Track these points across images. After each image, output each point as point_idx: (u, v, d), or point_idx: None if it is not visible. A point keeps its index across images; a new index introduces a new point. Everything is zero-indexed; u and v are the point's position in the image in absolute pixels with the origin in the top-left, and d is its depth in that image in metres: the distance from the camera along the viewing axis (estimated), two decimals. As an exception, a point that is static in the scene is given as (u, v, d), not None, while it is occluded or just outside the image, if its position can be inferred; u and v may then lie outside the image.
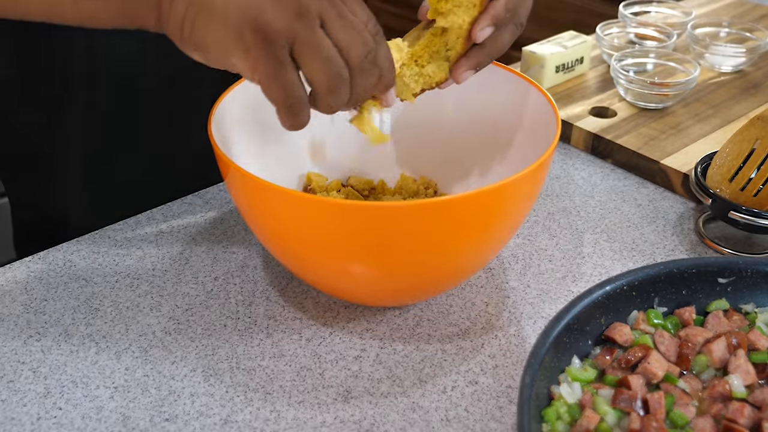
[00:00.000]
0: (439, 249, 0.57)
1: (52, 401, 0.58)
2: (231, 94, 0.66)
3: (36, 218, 0.85)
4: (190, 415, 0.56)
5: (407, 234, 0.55)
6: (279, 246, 0.61)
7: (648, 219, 0.78)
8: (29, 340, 0.63)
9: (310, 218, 0.56)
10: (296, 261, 0.62)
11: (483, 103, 0.73)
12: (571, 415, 0.50)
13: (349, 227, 0.55)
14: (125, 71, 0.76)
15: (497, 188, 0.55)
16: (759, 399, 0.51)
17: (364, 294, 0.63)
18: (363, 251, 0.57)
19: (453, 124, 0.76)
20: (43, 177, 0.82)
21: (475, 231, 0.58)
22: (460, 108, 0.75)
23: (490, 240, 0.60)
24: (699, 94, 0.96)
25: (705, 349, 0.55)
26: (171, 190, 0.81)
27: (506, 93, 0.71)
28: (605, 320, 0.57)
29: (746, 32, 1.08)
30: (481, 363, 0.61)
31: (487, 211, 0.57)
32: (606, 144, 0.86)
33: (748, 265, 0.59)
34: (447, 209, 0.55)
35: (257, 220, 0.60)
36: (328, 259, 0.59)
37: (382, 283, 0.61)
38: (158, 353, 0.62)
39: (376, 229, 0.55)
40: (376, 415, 0.57)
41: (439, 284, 0.63)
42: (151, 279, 0.69)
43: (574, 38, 0.99)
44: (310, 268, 0.61)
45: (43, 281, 0.69)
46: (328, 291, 0.65)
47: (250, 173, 0.55)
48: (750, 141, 0.74)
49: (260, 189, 0.56)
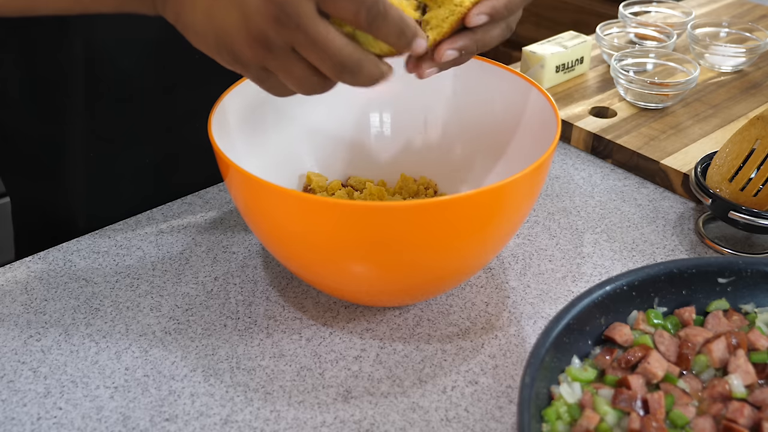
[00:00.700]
0: (439, 249, 0.57)
1: (52, 401, 0.58)
2: (231, 94, 0.66)
3: (38, 220, 0.85)
4: (190, 415, 0.56)
5: (407, 234, 0.55)
6: (279, 246, 0.61)
7: (648, 219, 0.78)
8: (29, 340, 0.63)
9: (309, 218, 0.56)
10: (296, 261, 0.62)
11: (483, 103, 0.73)
12: (571, 415, 0.50)
13: (348, 227, 0.55)
14: (126, 72, 0.76)
15: (497, 188, 0.55)
16: (759, 399, 0.51)
17: (364, 294, 0.63)
18: (363, 251, 0.57)
19: (453, 125, 0.76)
20: (45, 179, 0.82)
21: (475, 231, 0.58)
22: (460, 108, 0.75)
23: (490, 240, 0.60)
24: (699, 94, 0.96)
25: (705, 349, 0.55)
26: (172, 191, 0.81)
27: (506, 93, 0.71)
28: (605, 320, 0.57)
29: (746, 32, 1.08)
30: (481, 363, 0.61)
31: (487, 211, 0.57)
32: (606, 144, 0.86)
33: (748, 265, 0.59)
34: (447, 209, 0.55)
35: (257, 220, 0.60)
36: (328, 259, 0.59)
37: (382, 283, 0.61)
38: (158, 353, 0.62)
39: (376, 229, 0.55)
40: (376, 415, 0.57)
41: (440, 284, 0.63)
42: (151, 279, 0.69)
43: (574, 38, 0.99)
44: (310, 268, 0.61)
45: (43, 281, 0.69)
46: (328, 291, 0.65)
47: (249, 173, 0.55)
48: (750, 141, 0.74)
49: (260, 189, 0.56)
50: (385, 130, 0.77)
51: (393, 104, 0.76)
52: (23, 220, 0.88)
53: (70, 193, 0.82)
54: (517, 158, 0.69)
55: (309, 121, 0.74)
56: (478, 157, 0.74)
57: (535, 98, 0.67)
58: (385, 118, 0.77)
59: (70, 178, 0.81)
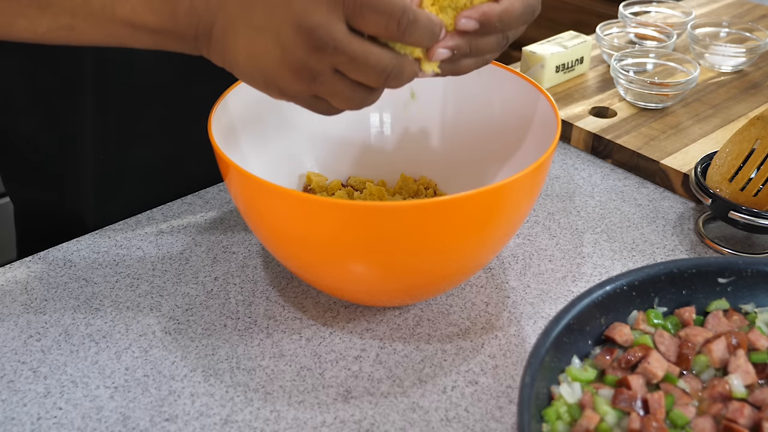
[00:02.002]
0: (439, 249, 0.57)
1: (52, 401, 0.58)
2: (231, 93, 0.66)
3: (45, 224, 0.85)
4: (190, 415, 0.56)
5: (407, 234, 0.55)
6: (279, 246, 0.61)
7: (648, 219, 0.78)
8: (29, 340, 0.63)
9: (309, 218, 0.56)
10: (296, 261, 0.62)
11: (483, 103, 0.73)
12: (571, 415, 0.50)
13: (349, 227, 0.55)
14: (129, 74, 0.76)
15: (496, 188, 0.55)
16: (759, 399, 0.51)
17: (364, 294, 0.63)
18: (363, 251, 0.57)
19: (453, 125, 0.76)
20: (53, 188, 0.82)
21: (475, 231, 0.58)
22: (460, 108, 0.75)
23: (490, 240, 0.60)
24: (699, 94, 0.96)
25: (705, 349, 0.55)
26: (174, 191, 0.81)
27: (506, 93, 0.71)
28: (605, 320, 0.57)
29: (746, 32, 1.08)
30: (481, 363, 0.61)
31: (487, 211, 0.57)
32: (606, 144, 0.86)
33: (748, 265, 0.59)
34: (447, 209, 0.55)
35: (257, 221, 0.60)
36: (328, 259, 0.59)
37: (382, 283, 0.61)
38: (158, 353, 0.62)
39: (376, 229, 0.55)
40: (376, 415, 0.57)
41: (439, 284, 0.63)
42: (151, 279, 0.69)
43: (574, 38, 0.99)
44: (309, 268, 0.61)
45: (43, 281, 0.69)
46: (328, 291, 0.65)
47: (249, 173, 0.55)
48: (750, 141, 0.74)
49: (260, 189, 0.56)
50: (386, 130, 0.77)
51: (393, 104, 0.77)
52: (29, 226, 0.88)
53: (75, 195, 0.81)
54: (518, 158, 0.69)
55: (309, 121, 0.74)
56: (478, 158, 0.74)
57: (535, 98, 0.67)
58: (385, 117, 0.77)
59: (76, 181, 0.81)
